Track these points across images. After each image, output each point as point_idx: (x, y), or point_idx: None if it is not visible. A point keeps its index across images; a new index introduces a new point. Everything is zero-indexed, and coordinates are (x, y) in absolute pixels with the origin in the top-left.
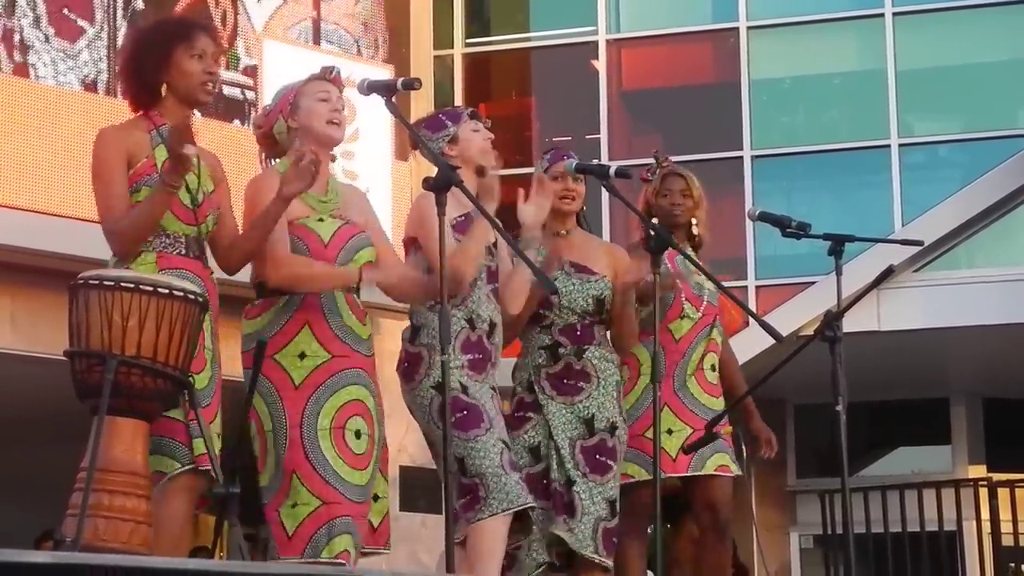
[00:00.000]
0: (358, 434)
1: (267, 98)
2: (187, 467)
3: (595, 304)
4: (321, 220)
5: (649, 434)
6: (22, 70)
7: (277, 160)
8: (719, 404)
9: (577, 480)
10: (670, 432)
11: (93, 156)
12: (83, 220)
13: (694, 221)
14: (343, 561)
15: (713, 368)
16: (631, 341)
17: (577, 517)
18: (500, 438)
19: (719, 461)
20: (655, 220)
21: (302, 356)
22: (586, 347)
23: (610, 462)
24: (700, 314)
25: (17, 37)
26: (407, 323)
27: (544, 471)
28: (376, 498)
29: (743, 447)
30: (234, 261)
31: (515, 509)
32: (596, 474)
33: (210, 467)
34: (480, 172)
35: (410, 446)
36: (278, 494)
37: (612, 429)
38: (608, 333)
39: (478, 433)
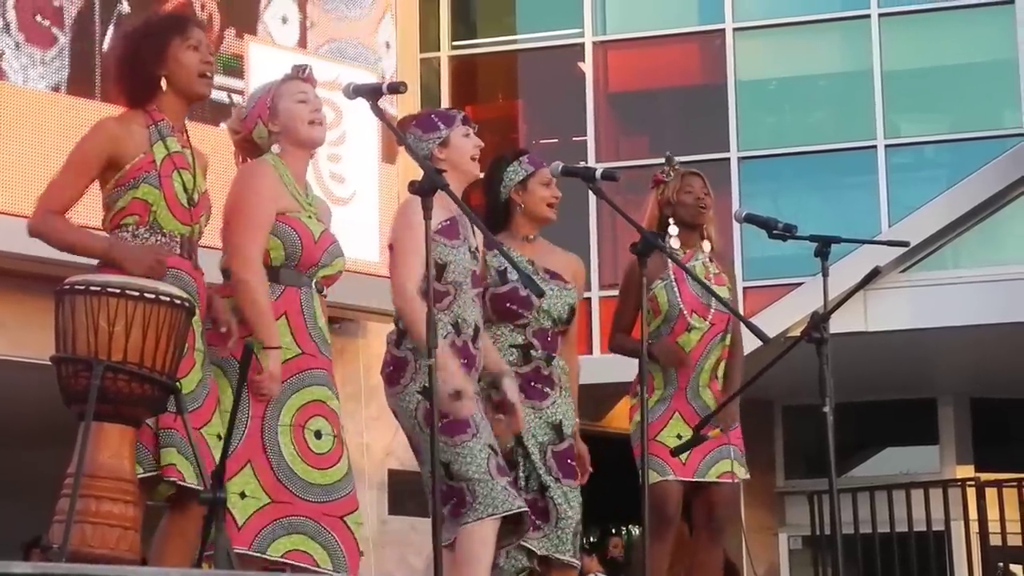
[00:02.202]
0: (319, 434)
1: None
2: (147, 473)
3: (568, 313)
4: (310, 218)
5: (660, 438)
6: (2, 74)
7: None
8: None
9: (551, 485)
10: (679, 437)
11: (81, 138)
12: None
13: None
14: (290, 561)
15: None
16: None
17: (553, 522)
18: (487, 443)
19: (723, 468)
20: (672, 220)
21: None
22: (553, 355)
23: (577, 467)
24: (709, 324)
25: None
26: (392, 327)
27: (515, 479)
28: None
29: None
30: None
31: (501, 514)
32: (569, 478)
33: (176, 479)
34: (501, 409)
35: (398, 450)
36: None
37: (574, 436)
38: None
39: (464, 439)
